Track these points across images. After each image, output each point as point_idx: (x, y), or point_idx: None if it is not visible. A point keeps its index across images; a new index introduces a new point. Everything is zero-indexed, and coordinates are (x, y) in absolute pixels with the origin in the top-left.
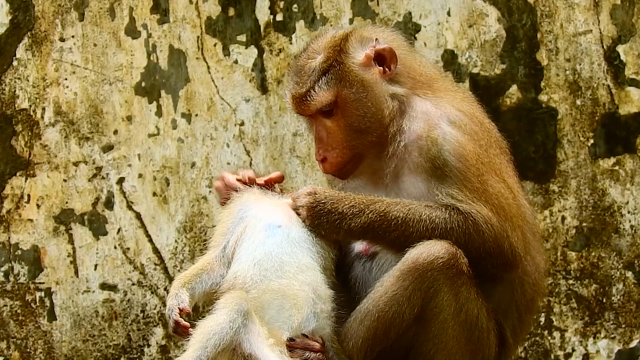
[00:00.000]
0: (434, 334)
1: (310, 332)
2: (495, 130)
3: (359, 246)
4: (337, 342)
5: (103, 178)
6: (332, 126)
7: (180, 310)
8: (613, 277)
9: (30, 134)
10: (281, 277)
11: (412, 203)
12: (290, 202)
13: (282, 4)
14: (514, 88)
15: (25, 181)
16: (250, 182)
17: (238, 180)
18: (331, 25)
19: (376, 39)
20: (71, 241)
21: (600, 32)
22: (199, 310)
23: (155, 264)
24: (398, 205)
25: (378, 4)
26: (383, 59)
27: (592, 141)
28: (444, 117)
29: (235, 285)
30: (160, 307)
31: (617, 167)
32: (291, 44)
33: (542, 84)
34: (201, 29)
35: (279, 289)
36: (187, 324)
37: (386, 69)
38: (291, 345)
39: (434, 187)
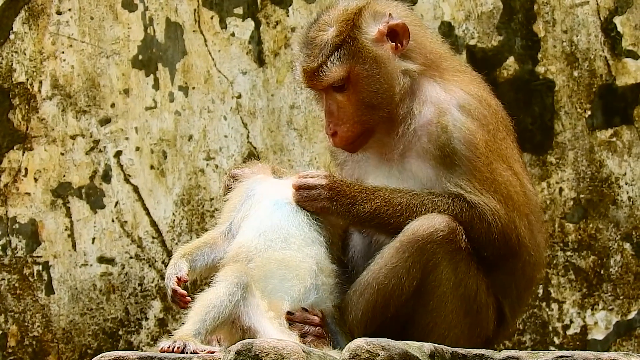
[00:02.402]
0: (433, 307)
1: (310, 306)
2: (501, 109)
3: None
4: (340, 316)
5: (100, 151)
6: (343, 101)
7: (179, 279)
8: (611, 248)
9: (27, 107)
10: (285, 248)
11: (415, 191)
12: (300, 179)
13: None
14: (511, 60)
15: (23, 155)
16: None
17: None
18: None
19: (390, 14)
20: (69, 215)
21: (597, 4)
22: (197, 284)
23: (153, 237)
24: (402, 192)
25: None
26: (396, 34)
27: (589, 113)
28: (453, 102)
29: (239, 255)
30: (158, 281)
31: (614, 139)
32: (288, 16)
33: (539, 55)
34: (198, 1)
35: (283, 259)
36: (185, 292)
37: (398, 44)
38: (290, 319)
39: (443, 175)
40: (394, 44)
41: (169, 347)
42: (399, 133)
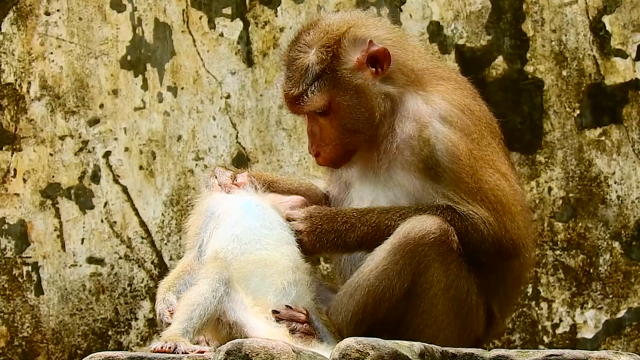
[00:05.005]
0: (424, 309)
1: (292, 302)
2: (486, 112)
3: None
4: (326, 316)
5: (89, 152)
6: (325, 124)
7: (171, 312)
8: (600, 247)
9: (16, 108)
10: (261, 249)
11: (403, 208)
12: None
13: None
14: (499, 59)
15: (12, 155)
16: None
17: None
18: None
19: (370, 41)
20: (58, 215)
21: (586, 3)
22: None
23: (142, 238)
24: (389, 213)
25: None
26: (376, 60)
27: (578, 112)
28: (435, 114)
29: (217, 257)
30: (148, 281)
31: (603, 138)
32: (277, 16)
33: (528, 55)
34: (186, 2)
35: (260, 260)
36: None
37: (379, 69)
38: (277, 317)
39: (430, 186)
40: (374, 69)
41: (161, 348)
42: (381, 150)
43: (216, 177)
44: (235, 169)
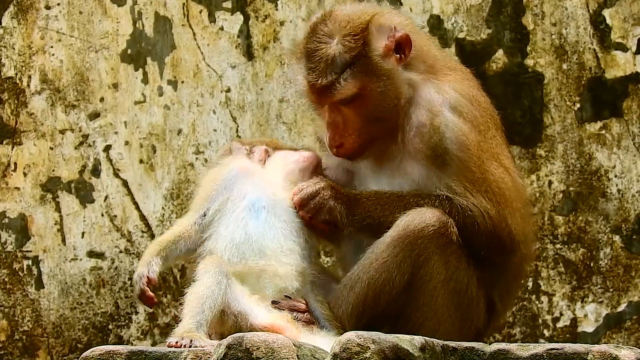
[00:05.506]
0: (424, 302)
1: (293, 294)
2: (490, 104)
3: None
4: (328, 309)
5: (89, 146)
6: (349, 114)
7: (149, 279)
8: (600, 241)
9: (16, 102)
10: (260, 258)
11: (406, 197)
12: (299, 193)
13: None
14: (500, 53)
15: (12, 149)
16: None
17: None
18: None
19: (394, 27)
20: (58, 209)
21: None
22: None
23: (143, 231)
24: (394, 195)
25: None
26: (399, 46)
27: (578, 105)
28: (445, 103)
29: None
30: None
31: (603, 131)
32: (277, 10)
33: (528, 48)
34: None
35: (258, 269)
36: (152, 294)
37: (402, 55)
38: (277, 307)
39: (434, 175)
40: (398, 55)
41: (176, 343)
42: (397, 139)
43: (231, 152)
44: (251, 142)
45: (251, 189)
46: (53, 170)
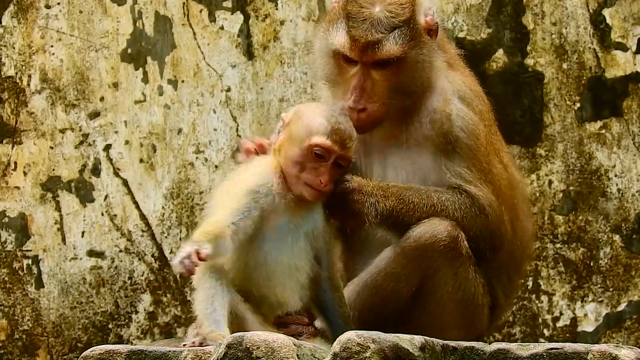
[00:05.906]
0: (430, 310)
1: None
2: (489, 105)
3: None
4: (345, 305)
5: (90, 145)
6: (380, 80)
7: (198, 252)
8: (600, 240)
9: (16, 101)
10: (267, 282)
11: (422, 188)
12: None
13: None
14: (500, 52)
15: (12, 148)
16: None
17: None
18: None
19: (430, 8)
20: (58, 208)
21: None
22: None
23: (143, 231)
24: (411, 190)
25: None
26: (430, 28)
27: (578, 105)
28: (456, 93)
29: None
30: (148, 274)
31: (603, 131)
32: (277, 9)
33: (528, 48)
34: None
35: (260, 295)
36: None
37: (433, 37)
38: (280, 322)
39: (443, 163)
40: (429, 37)
41: (192, 343)
42: (407, 122)
43: (239, 152)
44: (260, 140)
45: (272, 208)
46: (53, 170)
